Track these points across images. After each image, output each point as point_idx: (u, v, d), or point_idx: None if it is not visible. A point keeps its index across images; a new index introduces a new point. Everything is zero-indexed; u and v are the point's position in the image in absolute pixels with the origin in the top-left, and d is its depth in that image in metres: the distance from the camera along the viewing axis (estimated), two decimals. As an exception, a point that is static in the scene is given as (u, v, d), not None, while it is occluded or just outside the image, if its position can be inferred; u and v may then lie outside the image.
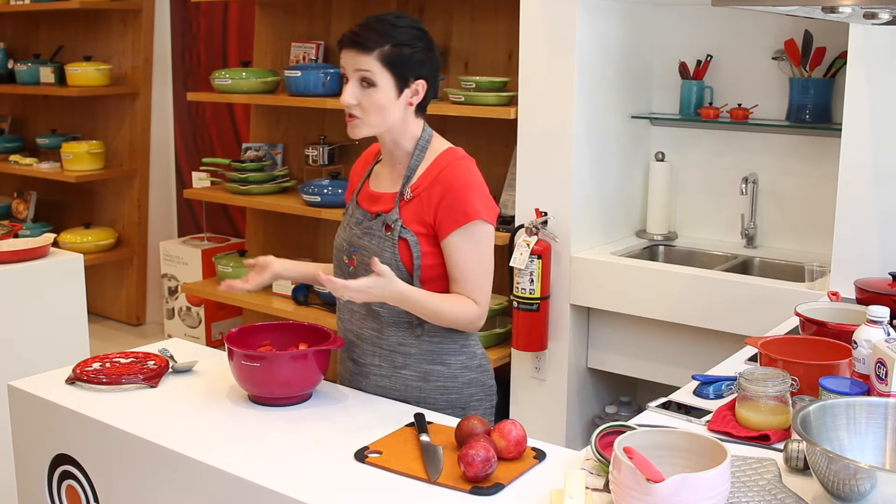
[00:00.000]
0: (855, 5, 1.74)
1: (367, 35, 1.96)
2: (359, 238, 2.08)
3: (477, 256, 2.02)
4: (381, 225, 2.04)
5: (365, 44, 1.96)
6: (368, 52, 1.96)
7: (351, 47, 1.98)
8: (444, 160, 2.05)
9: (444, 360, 2.09)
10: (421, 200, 2.02)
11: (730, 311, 3.01)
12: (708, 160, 3.60)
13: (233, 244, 5.19)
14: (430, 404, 2.06)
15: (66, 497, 2.02)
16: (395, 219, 2.02)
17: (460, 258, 2.01)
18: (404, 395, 2.08)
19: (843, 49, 2.97)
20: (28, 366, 2.71)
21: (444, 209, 1.99)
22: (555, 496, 1.53)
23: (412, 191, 2.04)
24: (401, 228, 2.01)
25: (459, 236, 2.00)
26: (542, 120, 3.34)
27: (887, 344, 1.77)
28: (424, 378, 2.08)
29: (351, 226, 2.12)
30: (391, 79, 1.98)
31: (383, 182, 2.13)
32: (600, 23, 3.33)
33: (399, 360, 2.08)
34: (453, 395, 2.10)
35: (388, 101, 1.99)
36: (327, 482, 1.64)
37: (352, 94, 1.99)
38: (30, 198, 5.86)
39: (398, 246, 2.01)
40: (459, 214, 1.99)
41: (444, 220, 2.00)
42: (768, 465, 1.62)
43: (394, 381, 2.09)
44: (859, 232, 2.77)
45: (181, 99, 5.46)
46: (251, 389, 1.99)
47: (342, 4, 4.49)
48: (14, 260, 3.16)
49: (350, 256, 2.10)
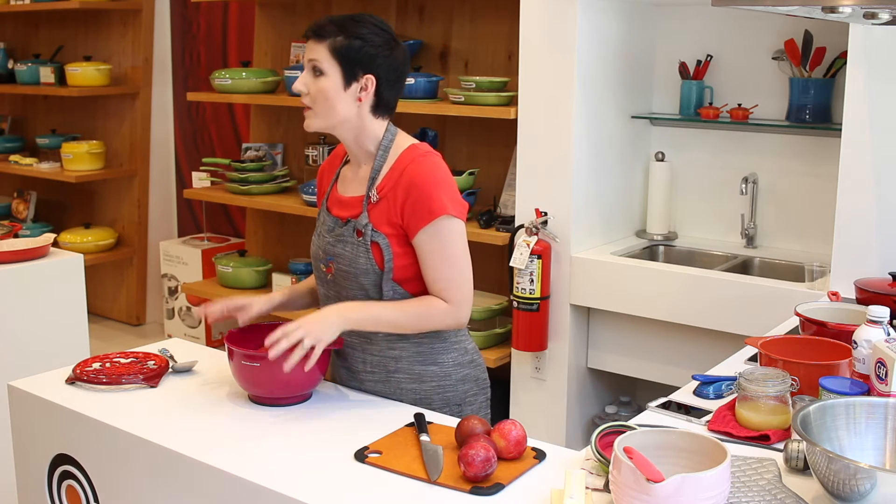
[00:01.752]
0: (855, 5, 1.74)
1: (324, 26, 2.01)
2: (332, 246, 2.07)
3: (446, 254, 1.99)
4: (352, 231, 2.03)
5: (320, 33, 2.01)
6: (321, 41, 2.00)
7: (309, 36, 2.03)
8: (407, 158, 2.02)
9: (436, 360, 2.08)
10: (388, 201, 2.00)
11: (730, 311, 3.01)
12: (708, 160, 3.60)
13: (233, 244, 5.19)
14: (426, 404, 2.06)
15: (66, 497, 2.02)
16: (365, 223, 2.01)
17: (429, 257, 1.99)
18: (400, 398, 2.07)
19: (843, 49, 2.97)
20: (28, 366, 2.71)
21: (410, 208, 1.98)
22: (555, 496, 1.53)
23: (378, 192, 2.02)
24: (371, 232, 2.00)
25: (427, 234, 1.98)
26: (542, 120, 3.34)
27: (887, 344, 1.77)
28: (419, 380, 2.07)
29: (323, 233, 2.11)
30: (339, 70, 1.99)
31: (350, 185, 2.11)
32: (600, 23, 3.33)
33: (391, 365, 2.07)
34: (449, 393, 2.09)
35: (334, 92, 1.99)
36: (327, 482, 1.64)
37: (302, 80, 2.03)
38: (30, 198, 5.86)
39: (371, 251, 2.00)
40: (425, 212, 1.97)
41: (410, 220, 1.98)
42: (768, 465, 1.62)
43: (388, 385, 2.08)
44: (859, 232, 2.77)
45: (181, 99, 5.46)
46: (251, 389, 1.99)
47: (342, 4, 4.49)
48: (14, 260, 3.16)
49: (327, 265, 2.09)
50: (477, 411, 2.15)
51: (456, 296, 2.00)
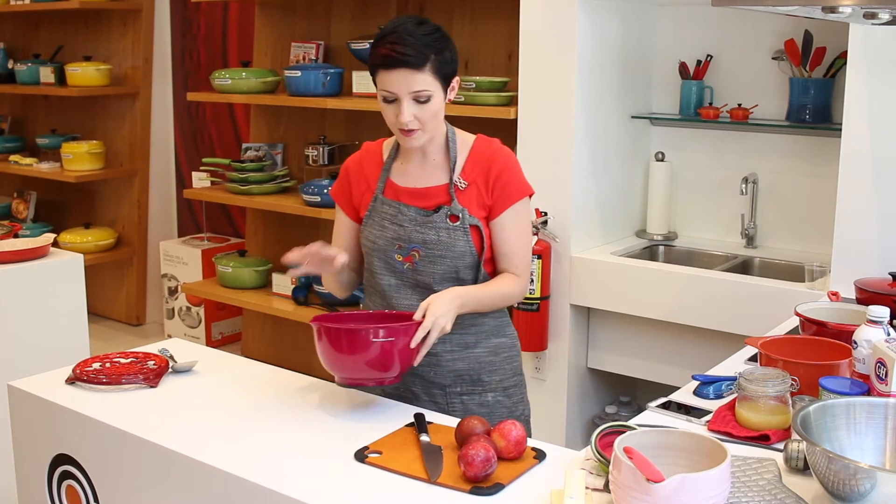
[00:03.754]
0: (855, 5, 1.74)
1: (411, 53, 1.94)
2: (420, 233, 2.06)
3: (525, 232, 2.13)
4: (444, 217, 2.06)
5: (416, 63, 1.95)
6: (420, 69, 1.95)
7: (400, 67, 1.95)
8: (485, 145, 2.14)
9: (505, 332, 2.21)
10: (477, 186, 2.09)
11: (730, 311, 3.01)
12: (708, 160, 3.60)
13: (233, 244, 5.19)
14: (501, 375, 2.18)
15: (66, 497, 2.02)
16: (461, 209, 2.07)
17: (512, 234, 2.10)
18: (478, 372, 2.15)
19: (843, 49, 2.97)
20: (28, 366, 2.70)
21: (500, 188, 2.08)
22: (555, 496, 1.52)
23: (464, 179, 2.09)
24: (468, 217, 2.07)
25: (514, 212, 2.09)
26: (542, 120, 3.34)
27: (887, 344, 1.77)
28: (495, 352, 2.17)
29: (403, 223, 2.08)
30: (441, 86, 2.02)
31: (418, 178, 2.11)
32: (600, 23, 3.33)
33: (470, 340, 2.14)
34: (516, 363, 2.23)
35: (440, 108, 2.05)
36: (327, 482, 1.64)
37: (409, 113, 1.98)
38: (30, 198, 5.86)
39: (470, 234, 2.06)
40: (514, 192, 2.09)
41: (499, 199, 2.08)
42: (768, 465, 1.62)
43: (467, 361, 2.14)
44: (859, 232, 2.77)
45: (181, 99, 5.46)
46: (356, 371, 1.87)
47: (342, 4, 4.49)
48: (14, 260, 3.16)
49: (406, 254, 2.08)
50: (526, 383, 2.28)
51: (525, 272, 2.14)
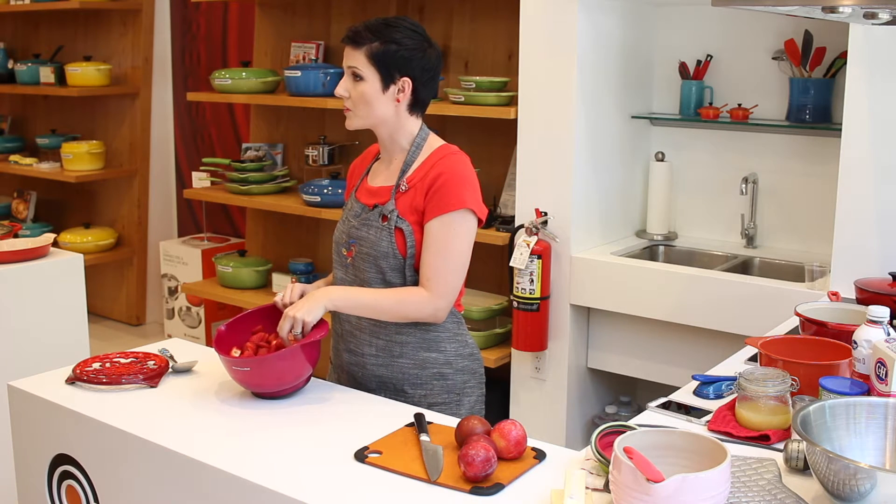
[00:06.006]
0: (855, 5, 1.74)
1: (360, 33, 2.10)
2: (357, 229, 2.15)
3: (447, 246, 2.07)
4: (377, 216, 2.12)
5: (357, 40, 2.10)
6: (358, 47, 2.09)
7: (346, 43, 2.12)
8: (439, 154, 2.13)
9: (440, 348, 2.16)
10: (415, 190, 2.10)
11: (730, 311, 3.01)
12: (708, 160, 3.60)
13: (233, 244, 5.19)
14: (426, 390, 2.14)
15: (66, 497, 2.02)
16: (392, 209, 2.11)
17: (431, 244, 2.07)
18: (402, 383, 2.14)
19: (843, 49, 2.97)
20: (28, 366, 2.71)
21: (432, 195, 2.07)
22: (555, 496, 1.53)
23: (408, 183, 2.12)
24: (396, 218, 2.09)
25: (439, 222, 2.06)
26: (542, 120, 3.34)
27: (887, 344, 1.77)
28: (421, 365, 2.14)
29: (349, 219, 2.20)
30: (377, 74, 2.08)
31: (380, 177, 2.21)
32: (600, 23, 3.33)
33: (396, 350, 2.14)
34: (448, 381, 2.17)
35: (373, 95, 2.09)
36: (327, 482, 1.64)
37: (343, 86, 2.13)
38: (30, 198, 5.86)
39: (394, 235, 2.09)
40: (445, 202, 2.06)
41: (429, 206, 2.08)
42: (768, 465, 1.62)
43: (391, 369, 2.15)
44: (859, 232, 2.77)
45: (181, 99, 5.46)
46: (248, 388, 2.03)
47: (342, 4, 4.49)
48: (14, 260, 3.16)
49: (349, 248, 2.17)
50: (473, 404, 2.22)
51: (439, 288, 2.07)
